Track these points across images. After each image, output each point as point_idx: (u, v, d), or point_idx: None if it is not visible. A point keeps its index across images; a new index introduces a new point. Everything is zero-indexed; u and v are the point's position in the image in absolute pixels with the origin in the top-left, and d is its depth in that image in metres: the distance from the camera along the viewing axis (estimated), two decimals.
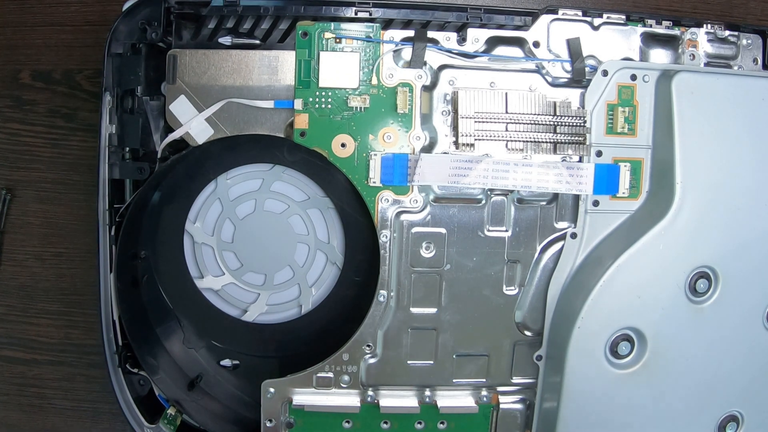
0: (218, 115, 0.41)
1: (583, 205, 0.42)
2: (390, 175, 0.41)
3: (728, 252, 0.41)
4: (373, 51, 0.41)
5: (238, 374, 0.49)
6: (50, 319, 0.54)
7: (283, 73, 0.41)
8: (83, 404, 0.55)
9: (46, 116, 0.53)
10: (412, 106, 0.41)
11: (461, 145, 0.41)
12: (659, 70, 0.42)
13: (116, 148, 0.42)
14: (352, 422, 0.44)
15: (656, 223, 0.40)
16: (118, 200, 0.42)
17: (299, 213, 0.47)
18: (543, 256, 0.43)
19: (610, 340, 0.41)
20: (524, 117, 0.41)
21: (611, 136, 0.42)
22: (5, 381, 0.55)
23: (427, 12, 0.41)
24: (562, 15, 0.42)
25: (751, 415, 0.43)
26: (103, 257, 0.42)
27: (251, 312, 0.49)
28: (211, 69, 0.41)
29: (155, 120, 0.42)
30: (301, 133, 0.41)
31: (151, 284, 0.47)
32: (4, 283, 0.54)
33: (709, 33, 0.44)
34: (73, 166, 0.53)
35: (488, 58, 0.42)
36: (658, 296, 0.41)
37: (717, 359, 0.42)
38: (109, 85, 0.41)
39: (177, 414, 0.45)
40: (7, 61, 0.53)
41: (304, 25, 0.40)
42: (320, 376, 0.43)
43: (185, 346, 0.48)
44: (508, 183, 0.41)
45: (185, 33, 0.41)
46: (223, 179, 0.47)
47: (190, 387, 0.46)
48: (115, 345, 0.43)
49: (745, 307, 0.42)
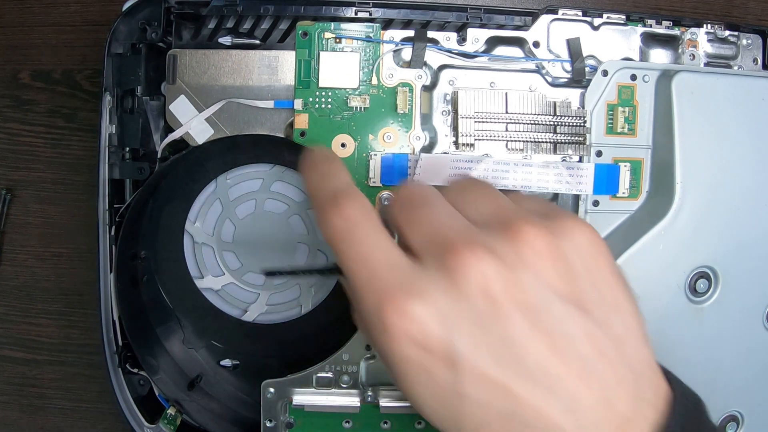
0: (218, 115, 0.41)
1: (583, 205, 0.42)
2: (390, 175, 0.41)
3: (728, 252, 0.41)
4: (373, 51, 0.41)
5: (238, 374, 0.49)
6: (50, 319, 0.54)
7: (283, 73, 0.41)
8: (83, 404, 0.55)
9: (46, 116, 0.53)
10: (412, 106, 0.41)
11: (461, 145, 0.41)
12: (659, 70, 0.42)
13: (116, 148, 0.42)
14: (352, 422, 0.44)
15: (656, 223, 0.40)
16: (118, 200, 0.42)
17: (299, 213, 0.47)
18: None
19: None
20: (524, 117, 0.41)
21: (611, 136, 0.42)
22: (5, 381, 0.54)
23: (427, 12, 0.41)
24: (562, 15, 0.42)
25: (751, 415, 0.43)
26: (103, 257, 0.42)
27: (251, 312, 0.49)
28: (211, 69, 0.41)
29: (155, 120, 0.42)
30: (301, 133, 0.41)
31: (151, 284, 0.47)
32: (4, 283, 0.54)
33: (709, 33, 0.44)
34: (73, 166, 0.53)
35: (488, 58, 0.42)
36: (658, 296, 0.41)
37: (717, 359, 0.42)
38: (109, 85, 0.41)
39: (177, 414, 0.45)
40: (7, 61, 0.53)
41: (304, 25, 0.41)
42: (320, 376, 0.43)
43: (185, 346, 0.48)
44: (508, 183, 0.41)
45: (185, 33, 0.41)
46: (223, 179, 0.47)
47: (190, 387, 0.46)
48: (115, 345, 0.43)
49: (745, 307, 0.42)
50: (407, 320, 0.24)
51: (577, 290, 0.25)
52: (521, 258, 0.25)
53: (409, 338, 0.24)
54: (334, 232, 0.27)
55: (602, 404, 0.24)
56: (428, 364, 0.24)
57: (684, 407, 0.26)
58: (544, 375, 0.24)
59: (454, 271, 0.24)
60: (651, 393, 0.26)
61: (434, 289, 0.24)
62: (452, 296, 0.24)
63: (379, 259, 0.26)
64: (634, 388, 0.25)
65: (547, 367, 0.24)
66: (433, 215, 0.27)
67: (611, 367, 0.25)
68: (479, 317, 0.24)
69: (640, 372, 0.26)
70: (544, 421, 0.24)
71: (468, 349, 0.24)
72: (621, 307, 0.26)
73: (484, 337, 0.24)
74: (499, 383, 0.24)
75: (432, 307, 0.24)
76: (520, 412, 0.24)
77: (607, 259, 0.27)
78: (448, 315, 0.24)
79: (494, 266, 0.24)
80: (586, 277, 0.26)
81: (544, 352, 0.24)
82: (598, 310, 0.25)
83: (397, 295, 0.24)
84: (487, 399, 0.24)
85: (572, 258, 0.26)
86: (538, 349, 0.24)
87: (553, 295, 0.25)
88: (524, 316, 0.24)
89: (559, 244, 0.25)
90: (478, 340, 0.24)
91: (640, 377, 0.26)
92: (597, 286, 0.26)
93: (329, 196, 0.28)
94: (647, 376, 0.26)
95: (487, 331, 0.24)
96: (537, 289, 0.24)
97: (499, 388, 0.24)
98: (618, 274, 0.27)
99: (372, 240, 0.26)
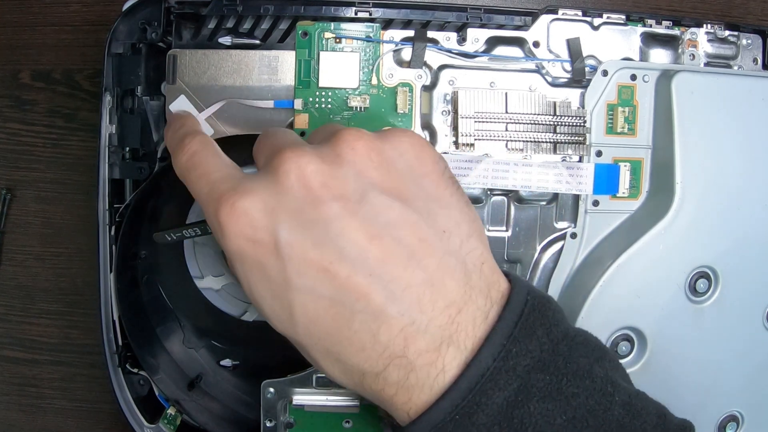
0: (218, 115, 0.41)
1: (583, 205, 0.42)
2: None
3: (728, 252, 0.41)
4: (373, 51, 0.41)
5: (238, 374, 0.49)
6: (50, 319, 0.54)
7: (283, 73, 0.41)
8: (83, 404, 0.55)
9: (46, 116, 0.53)
10: (412, 106, 0.41)
11: (461, 145, 0.41)
12: (659, 70, 0.42)
13: (116, 148, 0.42)
14: (352, 422, 0.44)
15: (656, 223, 0.40)
16: (118, 200, 0.42)
17: None
18: (543, 256, 0.43)
19: (609, 340, 0.41)
20: (524, 117, 0.41)
21: (611, 136, 0.42)
22: (5, 381, 0.54)
23: (427, 12, 0.41)
24: (562, 15, 0.42)
25: (751, 415, 0.43)
26: (103, 257, 0.42)
27: (251, 312, 0.49)
28: (211, 69, 0.41)
29: (155, 120, 0.42)
30: (301, 133, 0.41)
31: (151, 284, 0.47)
32: (4, 283, 0.54)
33: (709, 33, 0.44)
34: (73, 166, 0.53)
35: (488, 58, 0.42)
36: (658, 296, 0.41)
37: (717, 359, 0.42)
38: (109, 85, 0.41)
39: (177, 414, 0.45)
40: (7, 61, 0.53)
41: (304, 25, 0.41)
42: (320, 376, 0.43)
43: (185, 346, 0.48)
44: (508, 183, 0.41)
45: (185, 33, 0.41)
46: None
47: (190, 387, 0.46)
48: (115, 345, 0.43)
49: (745, 307, 0.42)
50: (236, 216, 0.26)
51: (399, 185, 0.27)
52: (340, 156, 0.27)
53: (240, 232, 0.26)
54: (181, 166, 0.30)
55: (426, 288, 0.25)
56: (258, 256, 0.26)
57: (523, 301, 0.27)
58: (363, 259, 0.25)
59: (277, 168, 0.26)
60: (483, 284, 0.27)
61: (261, 187, 0.26)
62: (275, 190, 0.26)
63: (215, 173, 0.28)
64: (463, 277, 0.26)
65: (365, 251, 0.25)
66: (276, 137, 0.29)
67: (434, 254, 0.26)
68: (299, 207, 0.26)
69: (471, 264, 0.27)
70: (370, 306, 0.25)
71: (290, 236, 0.25)
72: (446, 203, 0.28)
73: (304, 225, 0.25)
74: (321, 266, 0.25)
75: (258, 202, 0.26)
76: (346, 296, 0.25)
77: (433, 160, 0.28)
78: (273, 207, 0.26)
79: (313, 162, 0.26)
80: (407, 174, 0.27)
81: (361, 237, 0.25)
82: (419, 202, 0.27)
83: (228, 195, 0.26)
84: (312, 284, 0.25)
85: (394, 158, 0.28)
86: (356, 235, 0.25)
87: (371, 186, 0.26)
88: (341, 205, 0.26)
89: (382, 147, 0.27)
90: (298, 227, 0.25)
91: (470, 269, 0.27)
92: (419, 182, 0.28)
93: (177, 142, 0.31)
94: (479, 269, 0.27)
95: (306, 219, 0.25)
96: (354, 182, 0.26)
97: (321, 271, 0.25)
98: (446, 178, 0.29)
99: (210, 161, 0.29)
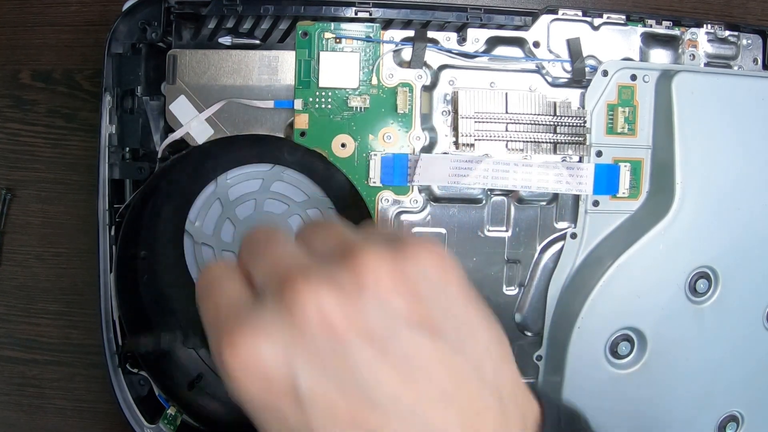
0: (218, 115, 0.41)
1: (583, 205, 0.42)
2: (390, 175, 0.41)
3: (728, 252, 0.41)
4: (373, 51, 0.41)
5: None
6: (50, 319, 0.54)
7: (283, 73, 0.41)
8: (83, 404, 0.55)
9: (46, 116, 0.53)
10: (412, 106, 0.41)
11: (461, 145, 0.41)
12: (659, 70, 0.42)
13: (116, 148, 0.42)
14: None
15: (656, 223, 0.40)
16: (118, 200, 0.42)
17: (299, 213, 0.47)
18: (543, 256, 0.43)
19: (610, 340, 0.41)
20: (524, 117, 0.41)
21: (611, 136, 0.42)
22: (5, 381, 0.54)
23: (427, 12, 0.41)
24: (562, 15, 0.42)
25: (751, 415, 0.43)
26: (103, 257, 0.42)
27: None
28: (211, 69, 0.41)
29: (155, 120, 0.42)
30: (301, 133, 0.41)
31: (151, 284, 0.47)
32: (4, 283, 0.54)
33: (709, 33, 0.44)
34: (73, 166, 0.53)
35: (488, 58, 0.42)
36: (658, 296, 0.41)
37: (717, 359, 0.42)
38: (109, 85, 0.41)
39: (177, 414, 0.45)
40: (7, 61, 0.53)
41: (304, 25, 0.40)
42: None
43: (185, 346, 0.48)
44: (508, 183, 0.41)
45: (185, 33, 0.41)
46: (223, 179, 0.47)
47: (190, 387, 0.46)
48: (115, 345, 0.43)
49: (745, 307, 0.42)
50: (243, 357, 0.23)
51: (426, 314, 0.24)
52: (361, 285, 0.23)
53: (249, 376, 0.23)
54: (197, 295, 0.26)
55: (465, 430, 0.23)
56: (274, 402, 0.23)
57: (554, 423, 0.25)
58: (396, 404, 0.22)
59: (291, 305, 0.23)
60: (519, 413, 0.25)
61: (272, 324, 0.23)
62: (291, 330, 0.23)
63: (221, 300, 0.25)
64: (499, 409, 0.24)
65: (398, 396, 0.22)
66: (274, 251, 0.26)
67: (469, 390, 0.24)
68: (321, 350, 0.22)
69: (506, 393, 0.25)
70: None
71: (311, 383, 0.22)
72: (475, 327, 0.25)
73: (327, 370, 0.22)
74: (349, 415, 0.22)
75: (270, 343, 0.23)
76: None
77: (457, 280, 0.25)
78: (288, 350, 0.22)
79: (332, 296, 0.23)
80: (434, 300, 0.24)
81: (393, 380, 0.22)
82: (449, 332, 0.24)
83: (232, 332, 0.23)
84: None
85: (418, 281, 0.24)
86: (387, 378, 0.22)
87: (398, 320, 0.23)
88: (368, 345, 0.22)
89: (404, 269, 0.24)
90: (321, 373, 0.22)
91: (505, 400, 0.25)
92: (447, 308, 0.25)
93: None
94: (514, 397, 0.25)
95: (330, 363, 0.22)
96: (380, 316, 0.23)
97: (350, 421, 0.23)
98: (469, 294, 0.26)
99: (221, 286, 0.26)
